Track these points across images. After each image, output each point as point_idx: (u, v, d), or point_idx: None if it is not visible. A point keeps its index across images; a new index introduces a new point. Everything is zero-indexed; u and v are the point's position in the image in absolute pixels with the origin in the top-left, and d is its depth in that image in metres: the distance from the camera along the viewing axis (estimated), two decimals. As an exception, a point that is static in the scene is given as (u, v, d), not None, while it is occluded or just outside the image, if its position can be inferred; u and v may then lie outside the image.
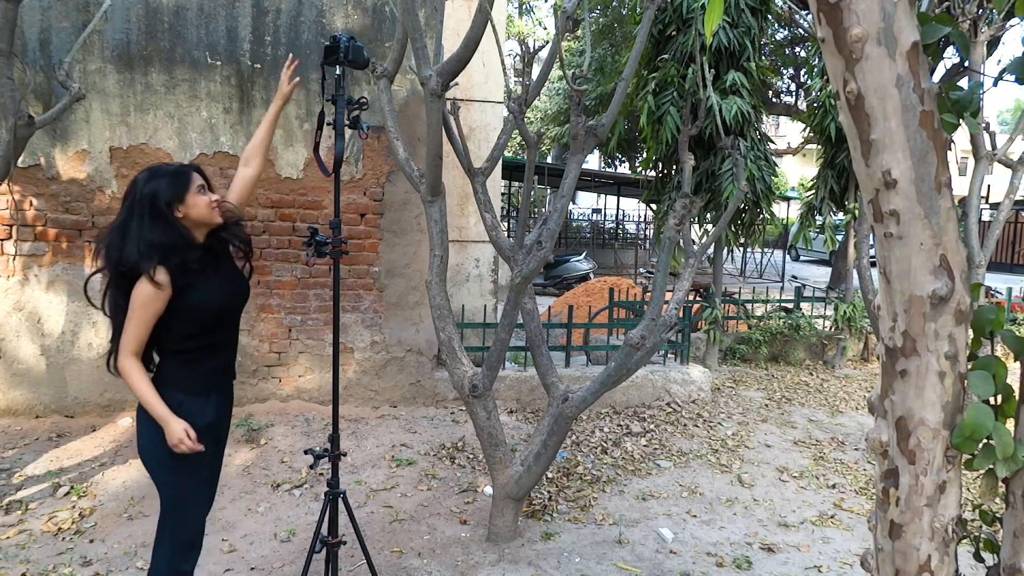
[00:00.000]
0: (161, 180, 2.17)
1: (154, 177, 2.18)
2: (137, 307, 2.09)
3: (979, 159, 3.94)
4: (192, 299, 2.17)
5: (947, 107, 1.21)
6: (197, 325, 2.23)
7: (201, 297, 2.20)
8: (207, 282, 2.23)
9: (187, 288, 2.16)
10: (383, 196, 5.22)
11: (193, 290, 2.17)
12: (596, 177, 18.96)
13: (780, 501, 4.22)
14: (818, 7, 1.11)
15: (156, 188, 2.16)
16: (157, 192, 2.15)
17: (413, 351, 5.39)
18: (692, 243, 4.14)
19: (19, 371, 4.79)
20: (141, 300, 2.09)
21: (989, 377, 1.22)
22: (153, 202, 2.14)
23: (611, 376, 3.28)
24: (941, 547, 1.25)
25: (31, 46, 4.63)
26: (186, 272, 2.16)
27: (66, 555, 3.26)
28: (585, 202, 34.23)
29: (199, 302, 2.20)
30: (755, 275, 17.65)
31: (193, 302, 2.18)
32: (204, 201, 2.22)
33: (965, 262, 1.18)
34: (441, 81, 2.96)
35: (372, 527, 3.65)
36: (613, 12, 15.75)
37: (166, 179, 2.18)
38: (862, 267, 4.84)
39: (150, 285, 2.08)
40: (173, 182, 2.18)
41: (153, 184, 2.16)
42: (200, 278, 2.21)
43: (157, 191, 2.15)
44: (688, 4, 6.89)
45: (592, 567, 3.35)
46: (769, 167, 7.51)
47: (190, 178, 2.21)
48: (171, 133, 4.87)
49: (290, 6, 4.98)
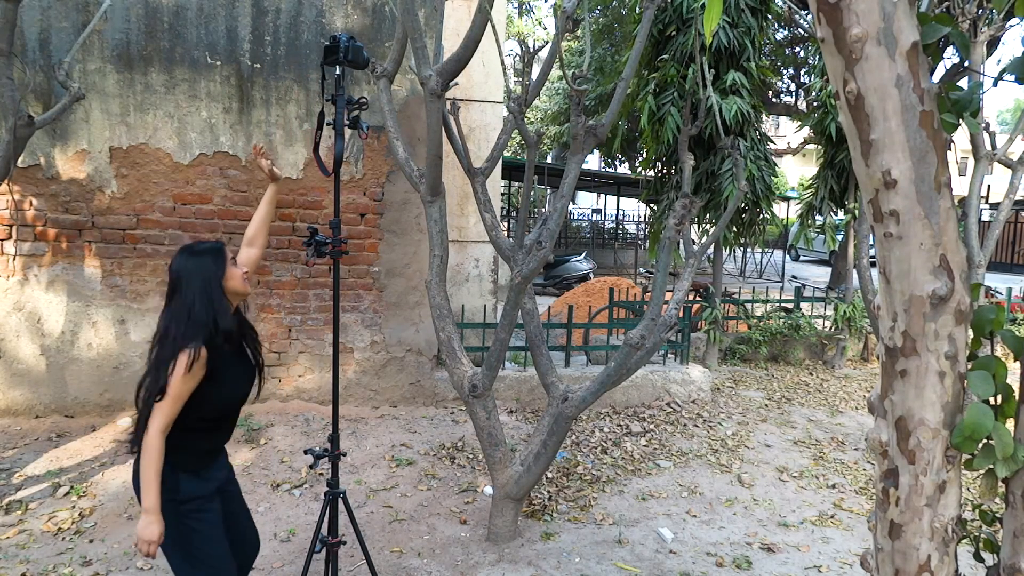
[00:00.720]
0: (206, 257, 2.17)
1: (197, 255, 2.17)
2: (176, 384, 2.05)
3: (979, 159, 3.93)
4: (223, 385, 2.17)
5: (947, 107, 1.21)
6: (221, 410, 2.23)
7: (232, 383, 2.21)
8: (238, 366, 2.25)
9: (223, 373, 2.15)
10: (383, 196, 5.22)
11: (227, 374, 2.17)
12: (596, 177, 18.97)
13: (780, 501, 4.22)
14: (818, 7, 1.11)
15: (205, 266, 2.15)
16: (208, 266, 2.15)
17: (413, 351, 5.39)
18: (692, 243, 4.14)
19: (19, 371, 4.79)
20: (180, 377, 2.04)
21: (989, 377, 1.22)
22: (206, 277, 2.14)
23: (611, 376, 3.28)
24: (941, 547, 1.25)
25: (31, 46, 4.63)
26: (222, 354, 2.15)
27: (66, 555, 3.26)
28: (585, 202, 34.23)
29: (230, 389, 2.21)
30: (755, 275, 17.65)
31: (224, 388, 2.18)
32: (238, 273, 2.24)
33: (965, 262, 1.18)
34: (441, 81, 2.96)
35: (372, 527, 3.65)
36: (613, 12, 15.75)
37: (210, 256, 2.18)
38: (862, 267, 4.84)
39: (190, 361, 2.04)
40: (218, 258, 2.18)
41: (201, 262, 2.16)
42: (233, 360, 2.22)
43: (208, 264, 2.15)
44: (688, 4, 6.90)
45: (592, 567, 3.36)
46: (769, 167, 7.51)
47: (227, 251, 2.23)
48: (171, 133, 4.87)
49: (290, 6, 4.98)
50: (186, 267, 2.14)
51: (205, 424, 2.20)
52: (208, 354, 2.08)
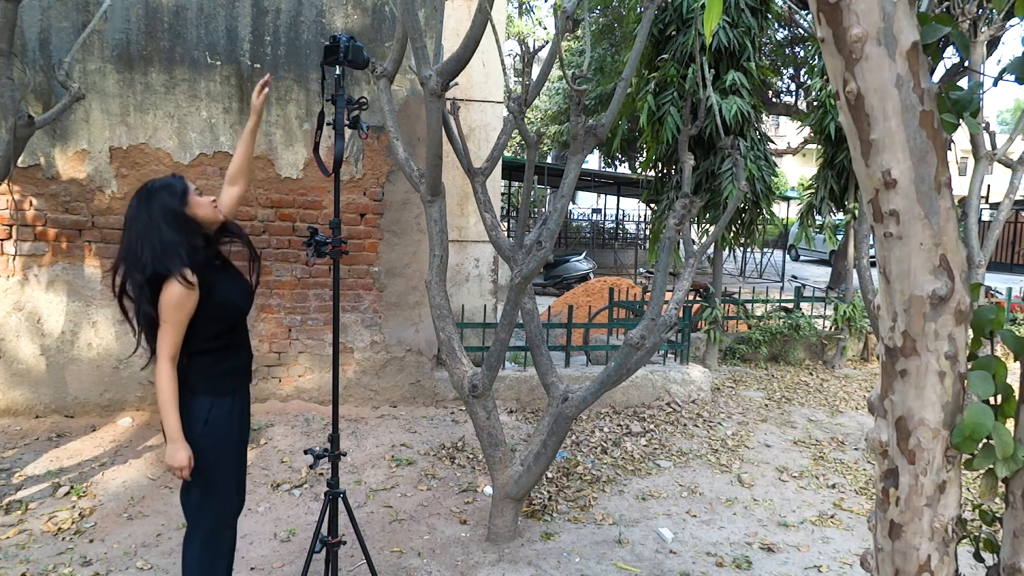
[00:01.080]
0: (162, 190, 2.24)
1: (154, 190, 2.25)
2: (172, 311, 2.14)
3: (979, 159, 3.94)
4: (217, 296, 2.25)
5: (947, 107, 1.21)
6: (223, 323, 2.31)
7: (226, 293, 2.29)
8: (229, 279, 2.35)
9: (212, 286, 2.23)
10: (383, 196, 5.22)
11: (217, 287, 2.26)
12: (596, 177, 18.97)
13: (780, 501, 4.22)
14: (818, 7, 1.11)
15: (161, 196, 2.22)
16: (164, 199, 2.22)
17: (413, 351, 5.39)
18: (692, 243, 4.14)
19: (19, 371, 4.79)
20: (175, 303, 2.14)
21: (989, 377, 1.22)
22: (164, 208, 2.20)
23: (611, 376, 3.28)
24: (941, 547, 1.25)
25: (31, 46, 4.63)
26: (210, 269, 2.26)
27: (66, 555, 3.26)
28: (585, 202, 34.23)
29: (224, 299, 2.29)
30: (755, 275, 17.65)
31: (219, 299, 2.26)
32: (205, 201, 2.31)
33: (965, 262, 1.18)
34: (441, 81, 2.96)
35: (372, 527, 3.65)
36: (613, 12, 15.74)
37: (166, 187, 2.25)
38: (862, 267, 4.84)
39: (181, 286, 2.13)
40: (173, 187, 2.26)
41: (157, 195, 2.23)
42: (221, 275, 2.32)
43: (164, 198, 2.22)
44: (688, 4, 6.89)
45: (592, 567, 3.36)
46: (769, 167, 7.51)
47: (185, 182, 2.30)
48: (171, 133, 4.87)
49: (290, 6, 4.97)
50: (143, 199, 2.22)
51: (212, 345, 2.29)
52: (199, 272, 2.18)
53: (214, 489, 2.34)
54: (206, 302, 2.21)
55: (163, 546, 3.37)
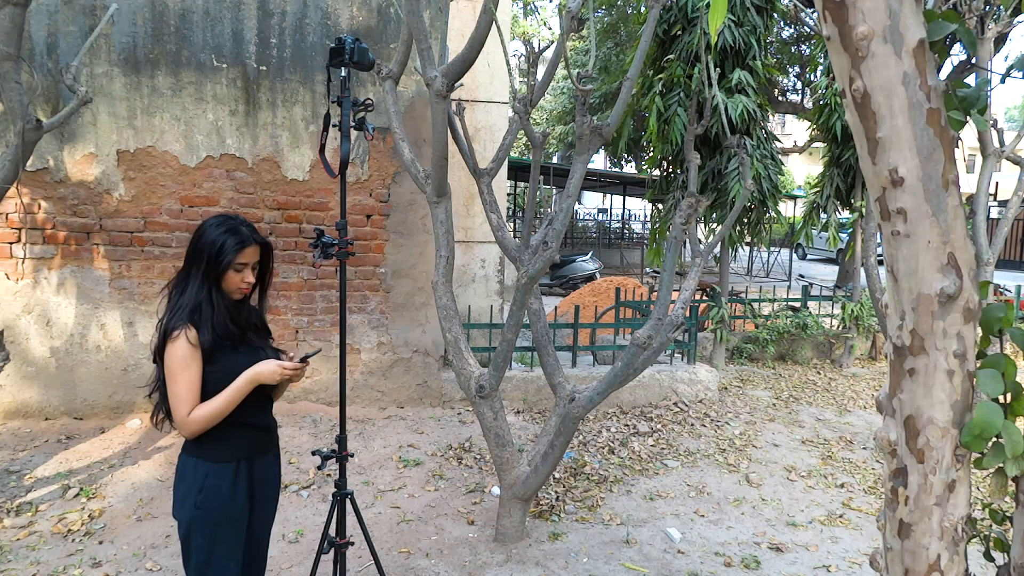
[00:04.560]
0: (225, 239, 2.04)
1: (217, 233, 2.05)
2: (176, 363, 1.97)
3: (987, 156, 3.92)
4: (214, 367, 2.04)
5: (954, 104, 1.20)
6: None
7: (223, 370, 2.05)
8: (234, 355, 2.09)
9: (211, 355, 2.03)
10: (389, 197, 5.23)
11: (215, 359, 2.04)
12: (602, 177, 18.96)
13: (788, 500, 4.20)
14: (824, 5, 1.11)
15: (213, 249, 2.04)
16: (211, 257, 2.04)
17: (420, 352, 5.40)
18: (699, 242, 4.13)
19: (29, 373, 4.82)
20: (180, 358, 1.97)
21: (998, 375, 1.22)
22: (208, 266, 2.04)
23: (618, 376, 3.27)
24: (951, 546, 1.24)
25: (39, 50, 4.66)
26: (213, 338, 2.04)
27: (76, 556, 3.27)
28: (591, 202, 34.19)
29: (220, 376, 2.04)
30: (762, 274, 17.59)
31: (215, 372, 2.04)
32: (237, 280, 2.09)
33: (973, 260, 1.17)
34: (446, 82, 2.96)
35: (380, 528, 3.66)
36: (618, 11, 15.72)
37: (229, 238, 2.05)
38: (869, 265, 4.82)
39: (184, 340, 1.97)
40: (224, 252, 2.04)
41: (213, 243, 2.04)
42: (226, 351, 2.08)
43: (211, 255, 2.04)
44: (693, 3, 6.88)
45: (600, 567, 3.35)
46: (775, 166, 7.49)
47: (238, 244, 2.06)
48: (178, 136, 4.89)
49: (295, 8, 4.99)
50: (197, 244, 2.05)
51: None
52: (200, 337, 1.99)
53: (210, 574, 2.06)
54: (207, 372, 2.02)
55: (172, 548, 3.38)
